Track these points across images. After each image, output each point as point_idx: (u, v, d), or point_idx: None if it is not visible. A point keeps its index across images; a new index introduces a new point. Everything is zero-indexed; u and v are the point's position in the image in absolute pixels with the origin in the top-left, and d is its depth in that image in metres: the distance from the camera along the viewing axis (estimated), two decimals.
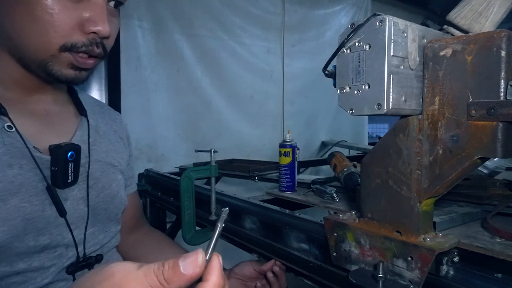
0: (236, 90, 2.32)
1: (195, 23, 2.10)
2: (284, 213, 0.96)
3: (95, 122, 0.75)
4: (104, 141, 0.75)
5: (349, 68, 0.56)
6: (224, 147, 2.09)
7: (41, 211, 0.59)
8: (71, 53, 0.58)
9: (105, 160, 0.73)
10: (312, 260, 0.81)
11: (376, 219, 0.62)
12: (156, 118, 1.97)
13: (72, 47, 0.57)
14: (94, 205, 0.68)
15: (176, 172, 1.81)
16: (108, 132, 0.78)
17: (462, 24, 0.67)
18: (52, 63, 0.58)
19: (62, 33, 0.56)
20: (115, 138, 0.80)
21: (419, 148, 0.56)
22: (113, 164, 0.75)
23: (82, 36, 0.58)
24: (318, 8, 2.71)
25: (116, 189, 0.74)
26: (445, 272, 0.59)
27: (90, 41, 0.58)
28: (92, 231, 0.68)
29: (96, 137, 0.73)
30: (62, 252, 0.62)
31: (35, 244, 0.58)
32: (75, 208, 0.65)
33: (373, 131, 4.88)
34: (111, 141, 0.78)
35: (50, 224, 0.60)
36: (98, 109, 0.80)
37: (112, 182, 0.74)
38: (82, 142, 0.68)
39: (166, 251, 0.90)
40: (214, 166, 1.12)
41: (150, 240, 0.93)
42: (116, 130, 0.82)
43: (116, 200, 0.74)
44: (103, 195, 0.71)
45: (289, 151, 1.11)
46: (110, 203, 0.72)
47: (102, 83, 1.65)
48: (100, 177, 0.71)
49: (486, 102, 0.48)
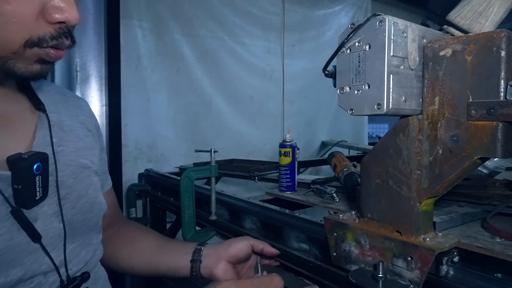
0: (236, 90, 2.32)
1: (195, 23, 2.10)
2: (284, 213, 0.96)
3: (57, 116, 0.63)
4: (72, 139, 0.63)
5: (349, 68, 0.56)
6: (224, 147, 2.09)
7: (9, 240, 0.49)
8: (40, 48, 0.48)
9: (76, 162, 0.62)
10: (312, 260, 0.81)
11: (376, 219, 0.62)
12: (156, 118, 1.97)
13: (39, 41, 0.48)
14: (70, 218, 0.59)
15: (176, 172, 1.81)
16: (74, 126, 0.66)
17: (462, 24, 0.67)
18: (14, 61, 0.48)
19: (25, 26, 0.46)
20: (83, 132, 0.68)
21: (419, 148, 0.56)
22: (86, 165, 0.64)
23: (49, 27, 0.48)
24: (318, 8, 2.71)
25: (93, 195, 0.64)
26: (445, 272, 0.59)
27: (58, 32, 0.49)
28: (72, 248, 0.59)
29: (62, 135, 0.61)
30: (41, 281, 0.53)
31: (5, 280, 0.49)
32: (48, 227, 0.55)
33: (373, 131, 4.87)
34: (80, 137, 0.66)
35: (22, 252, 0.51)
36: (60, 98, 0.67)
37: (88, 187, 0.64)
38: (45, 145, 0.57)
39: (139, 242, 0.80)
40: (214, 166, 1.12)
41: (123, 233, 0.83)
42: (84, 122, 0.69)
43: (95, 207, 0.65)
44: (79, 205, 0.61)
45: (289, 151, 1.11)
46: (89, 212, 0.63)
47: (102, 83, 1.65)
48: (73, 184, 0.60)
49: (486, 102, 0.48)
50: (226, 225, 1.11)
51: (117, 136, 1.71)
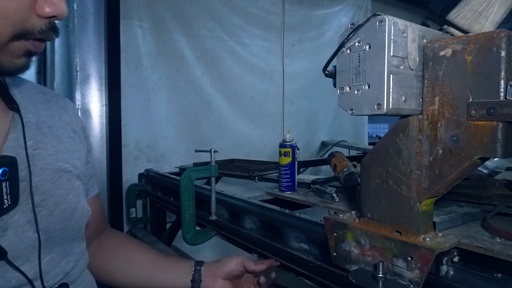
0: (236, 90, 2.32)
1: (195, 23, 2.10)
2: (284, 213, 0.96)
3: (34, 116, 0.59)
4: (51, 141, 0.60)
5: (349, 68, 0.56)
6: (224, 147, 2.09)
7: None
8: (24, 41, 0.47)
9: (55, 166, 0.59)
10: (312, 260, 0.81)
11: (376, 219, 0.62)
12: (156, 118, 1.97)
13: (27, 34, 0.46)
14: (46, 227, 0.55)
15: (176, 172, 1.81)
16: (56, 127, 0.62)
17: (462, 24, 0.67)
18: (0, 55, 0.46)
19: (14, 20, 0.44)
20: (66, 134, 0.64)
21: (419, 148, 0.56)
22: (66, 169, 0.60)
23: (39, 20, 0.46)
24: (318, 8, 2.71)
25: (74, 200, 0.60)
26: (445, 272, 0.59)
27: (47, 26, 0.47)
28: (50, 259, 0.56)
29: (38, 137, 0.58)
30: None
31: None
32: (20, 237, 0.51)
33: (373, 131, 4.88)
34: (61, 139, 0.62)
35: None
36: (41, 97, 0.64)
37: (68, 193, 0.60)
38: (17, 148, 0.53)
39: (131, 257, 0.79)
40: (214, 166, 1.12)
41: (112, 246, 0.80)
42: (68, 123, 0.66)
43: (76, 214, 0.61)
44: (58, 212, 0.57)
45: (289, 151, 1.11)
46: (69, 219, 0.59)
47: (102, 83, 1.65)
48: (50, 190, 0.57)
49: (486, 102, 0.48)
50: (226, 225, 1.11)
51: (117, 136, 1.71)
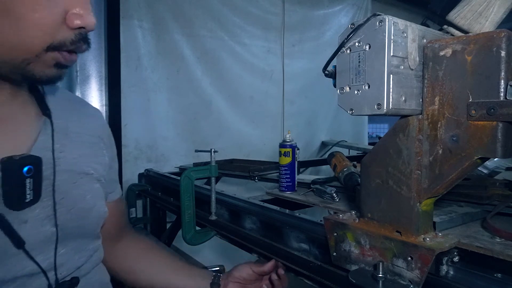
0: (236, 90, 2.32)
1: (195, 23, 2.10)
2: (284, 213, 0.96)
3: (63, 122, 0.64)
4: (75, 146, 0.65)
5: (349, 68, 0.56)
6: (224, 147, 2.09)
7: None
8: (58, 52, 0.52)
9: (76, 168, 0.63)
10: (312, 260, 0.81)
11: (376, 219, 0.62)
12: (156, 118, 1.97)
13: (59, 45, 0.51)
14: (64, 223, 0.59)
15: (176, 172, 1.81)
16: (81, 133, 0.68)
17: (462, 24, 0.67)
18: (34, 64, 0.51)
19: (48, 31, 0.49)
20: (91, 140, 0.70)
21: (419, 148, 0.56)
22: (87, 172, 0.65)
23: (69, 32, 0.51)
24: (318, 8, 2.71)
25: (91, 201, 0.65)
26: (445, 272, 0.59)
27: (77, 37, 0.52)
28: (64, 252, 0.60)
29: (65, 141, 0.63)
30: (25, 282, 0.54)
31: None
32: (38, 230, 0.56)
33: (373, 131, 4.88)
34: (85, 144, 0.68)
35: (6, 254, 0.52)
36: (69, 105, 0.70)
37: (86, 193, 0.64)
38: (44, 149, 0.58)
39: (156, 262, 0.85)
40: (214, 166, 1.12)
41: (136, 249, 0.86)
42: (94, 129, 0.71)
43: (92, 214, 0.65)
44: (75, 211, 0.61)
45: (289, 151, 1.11)
46: (85, 218, 0.64)
47: (102, 83, 1.65)
48: (70, 190, 0.61)
49: (486, 102, 0.48)
50: (226, 225, 1.11)
51: (117, 136, 1.71)
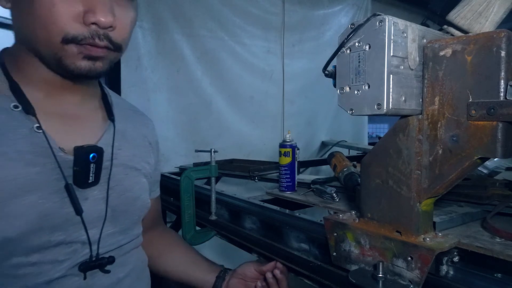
0: (236, 90, 2.32)
1: (195, 23, 2.10)
2: (284, 213, 0.96)
3: (123, 127, 0.76)
4: (130, 146, 0.76)
5: (349, 68, 0.56)
6: (224, 147, 2.09)
7: (59, 208, 0.61)
8: (76, 45, 0.57)
9: (129, 164, 0.74)
10: (312, 260, 0.81)
11: (376, 219, 0.62)
12: (156, 118, 1.97)
13: (73, 39, 0.56)
14: (114, 206, 0.69)
15: (176, 172, 1.81)
16: (136, 137, 0.79)
17: (462, 24, 0.67)
18: (62, 56, 0.58)
19: (60, 26, 0.56)
20: (142, 143, 0.81)
21: (419, 148, 0.56)
22: (136, 168, 0.76)
23: (83, 28, 0.57)
24: (318, 8, 2.71)
25: (138, 192, 0.75)
26: (445, 272, 0.59)
27: (91, 33, 0.57)
28: (111, 232, 0.69)
29: (122, 142, 0.74)
30: (78, 248, 0.64)
31: (49, 239, 0.60)
32: (94, 207, 0.66)
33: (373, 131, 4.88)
34: (138, 146, 0.79)
35: (68, 221, 0.62)
36: (130, 114, 0.83)
37: (135, 185, 0.75)
38: (106, 145, 0.69)
39: (175, 253, 0.94)
40: (214, 166, 1.12)
41: (162, 240, 0.96)
42: (146, 135, 0.83)
43: (138, 202, 0.75)
44: (124, 197, 0.71)
45: (289, 151, 1.11)
46: (131, 205, 0.73)
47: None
48: (122, 179, 0.72)
49: (486, 102, 0.48)
50: (226, 225, 1.11)
51: None
